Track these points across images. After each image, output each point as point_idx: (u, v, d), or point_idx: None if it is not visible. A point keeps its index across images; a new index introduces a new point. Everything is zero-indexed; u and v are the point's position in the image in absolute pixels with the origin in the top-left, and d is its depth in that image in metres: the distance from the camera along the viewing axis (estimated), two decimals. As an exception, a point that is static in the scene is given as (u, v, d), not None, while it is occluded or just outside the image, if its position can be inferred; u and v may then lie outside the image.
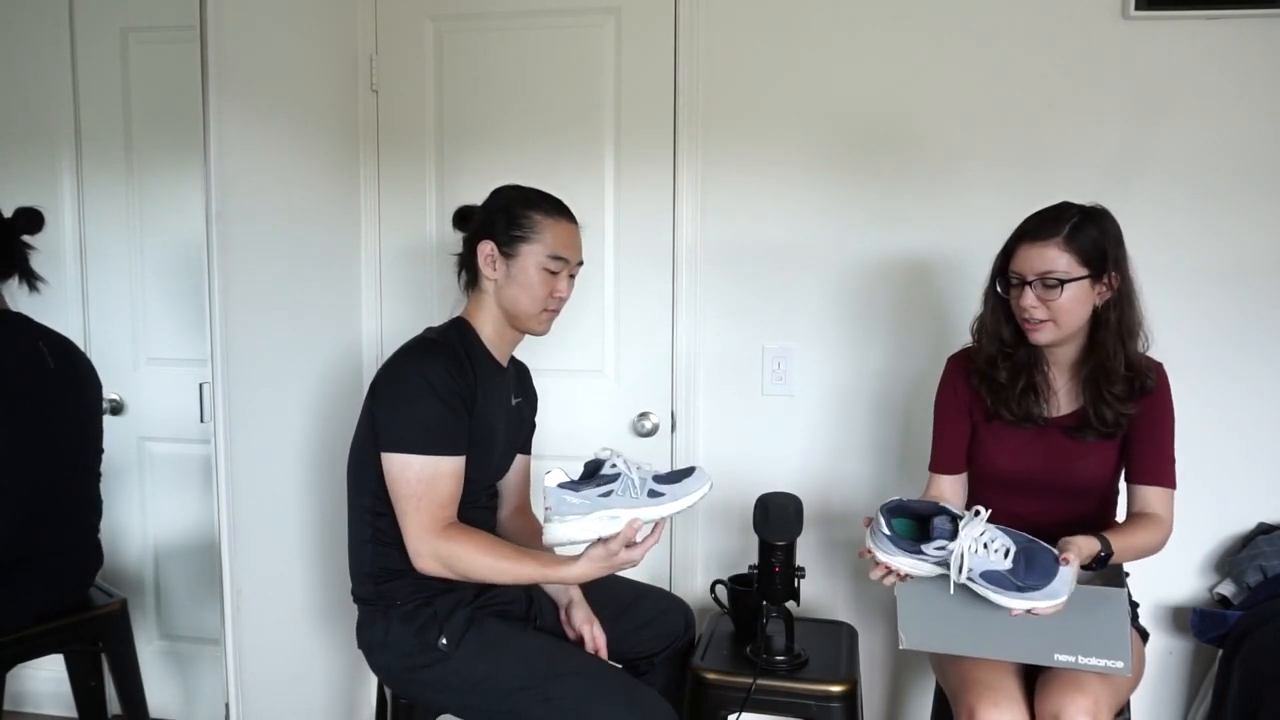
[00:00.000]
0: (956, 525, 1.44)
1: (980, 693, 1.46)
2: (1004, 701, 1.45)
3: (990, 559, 1.40)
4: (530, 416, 1.85)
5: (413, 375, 1.54)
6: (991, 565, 1.40)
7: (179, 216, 1.87)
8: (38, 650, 1.79)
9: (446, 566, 1.51)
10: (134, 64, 1.95)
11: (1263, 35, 1.95)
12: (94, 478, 1.88)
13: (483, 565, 1.51)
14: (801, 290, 2.17)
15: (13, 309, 1.77)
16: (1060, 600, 1.38)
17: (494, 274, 1.63)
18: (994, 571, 1.40)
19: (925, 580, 1.49)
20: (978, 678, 1.49)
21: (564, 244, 1.63)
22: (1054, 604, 1.38)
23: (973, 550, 1.41)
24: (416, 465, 1.51)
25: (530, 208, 1.62)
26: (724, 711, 1.73)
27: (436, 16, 2.25)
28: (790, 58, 2.12)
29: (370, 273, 2.32)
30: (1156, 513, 1.60)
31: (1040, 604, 1.38)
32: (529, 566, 1.51)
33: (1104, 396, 1.57)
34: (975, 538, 1.41)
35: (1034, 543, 1.43)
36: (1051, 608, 1.38)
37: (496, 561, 1.51)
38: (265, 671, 1.89)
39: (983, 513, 1.44)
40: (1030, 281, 1.53)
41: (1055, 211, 1.56)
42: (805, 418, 2.20)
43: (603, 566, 1.46)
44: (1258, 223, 1.98)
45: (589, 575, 1.47)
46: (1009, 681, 1.49)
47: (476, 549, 1.51)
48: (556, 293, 1.64)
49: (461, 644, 1.55)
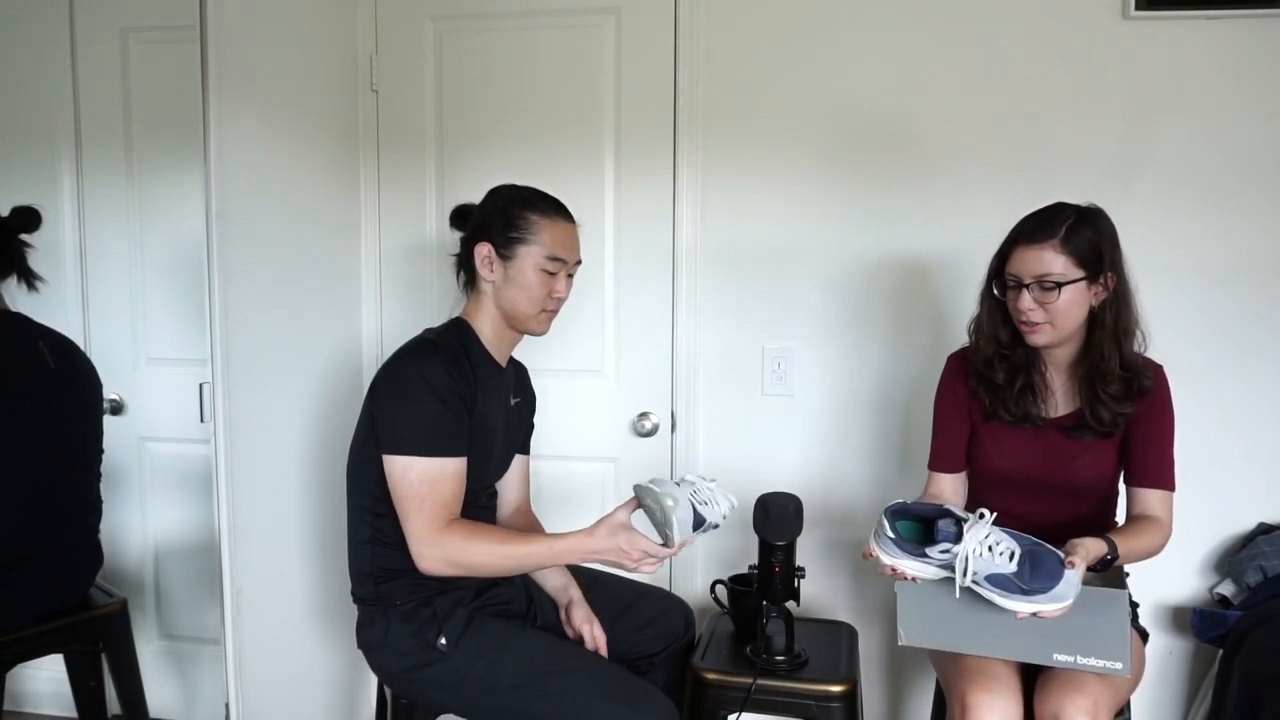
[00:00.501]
0: (961, 528, 1.43)
1: (974, 679, 1.47)
2: (997, 687, 1.45)
3: (995, 562, 1.40)
4: (529, 417, 1.85)
5: (413, 376, 1.53)
6: (996, 568, 1.40)
7: (179, 216, 1.87)
8: (38, 650, 1.79)
9: (453, 564, 1.51)
10: (134, 64, 1.95)
11: (1263, 35, 1.95)
12: (94, 478, 1.88)
13: (491, 554, 1.51)
14: (801, 290, 2.17)
15: (13, 309, 1.78)
16: (1065, 604, 1.38)
17: (491, 276, 1.62)
18: (999, 574, 1.40)
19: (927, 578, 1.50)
20: (972, 665, 1.50)
21: (562, 244, 1.62)
22: (1059, 607, 1.38)
23: (977, 553, 1.40)
24: (419, 467, 1.51)
25: (527, 208, 1.61)
26: (724, 711, 1.73)
27: (436, 16, 2.25)
28: (790, 58, 2.12)
29: (370, 273, 2.32)
30: (1156, 515, 1.60)
31: (1045, 607, 1.38)
32: (539, 545, 1.52)
33: (1100, 396, 1.57)
34: (980, 541, 1.41)
35: (1039, 545, 1.43)
36: (1056, 611, 1.38)
37: (504, 548, 1.51)
38: (265, 671, 1.89)
39: (988, 515, 1.44)
40: (1028, 284, 1.53)
41: (1051, 213, 1.55)
42: (805, 418, 2.20)
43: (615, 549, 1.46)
44: (1257, 223, 1.98)
45: (600, 551, 1.48)
46: (1004, 669, 1.50)
47: (482, 540, 1.52)
48: (555, 293, 1.64)
49: (460, 643, 1.54)
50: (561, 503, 2.24)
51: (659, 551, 1.47)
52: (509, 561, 1.53)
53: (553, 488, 2.25)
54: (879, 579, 2.15)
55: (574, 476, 2.28)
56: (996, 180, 2.05)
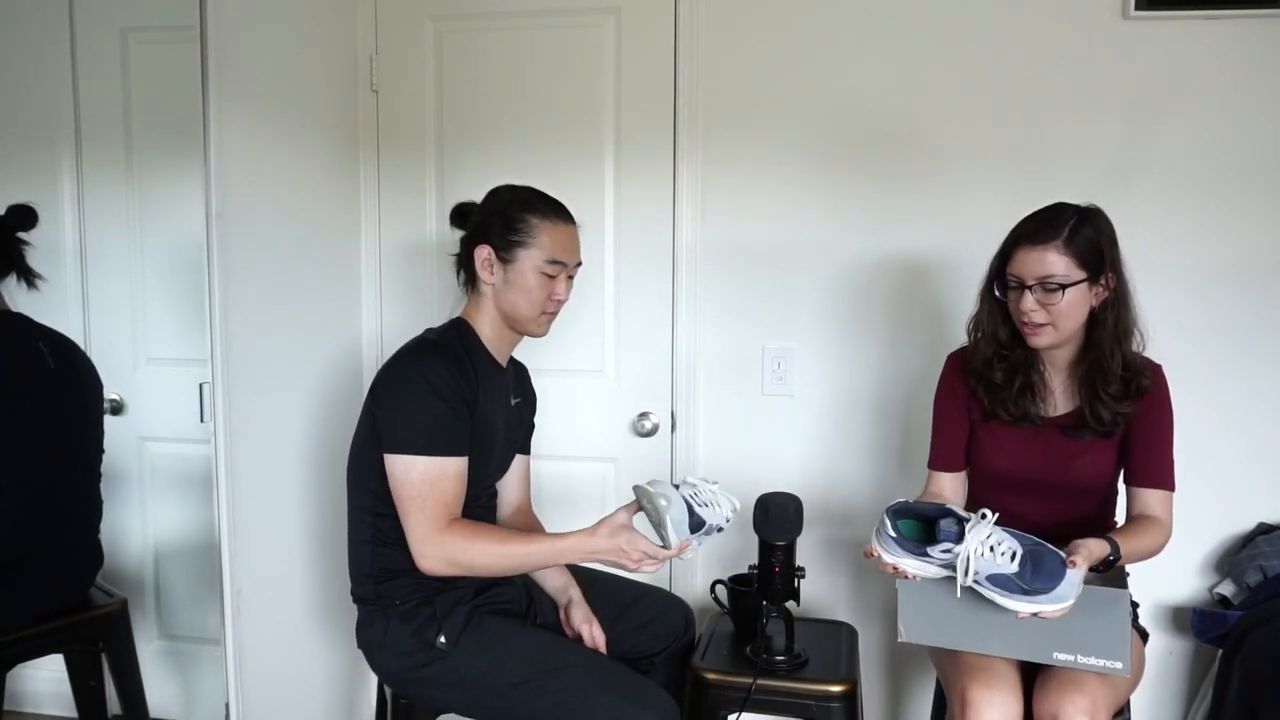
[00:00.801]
0: (963, 527, 1.43)
1: (974, 676, 1.47)
2: (996, 684, 1.45)
3: (996, 562, 1.40)
4: (529, 417, 1.85)
5: (414, 376, 1.53)
6: (998, 568, 1.40)
7: (179, 216, 1.87)
8: (38, 650, 1.79)
9: (454, 564, 1.51)
10: (134, 64, 1.95)
11: (1263, 35, 1.95)
12: (94, 478, 1.88)
13: (492, 554, 1.52)
14: (801, 290, 2.17)
15: (13, 309, 1.77)
16: (1067, 604, 1.38)
17: (491, 278, 1.62)
18: (1000, 575, 1.40)
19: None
20: (973, 662, 1.50)
21: (562, 247, 1.62)
22: (1060, 608, 1.38)
23: (979, 553, 1.40)
24: (420, 466, 1.50)
25: (527, 211, 1.61)
26: (724, 711, 1.73)
27: (436, 16, 2.25)
28: (790, 58, 2.12)
29: (370, 272, 2.32)
30: (1156, 515, 1.60)
31: (1046, 608, 1.38)
32: (540, 545, 1.52)
33: (1100, 396, 1.57)
34: (982, 540, 1.41)
35: (1040, 545, 1.43)
36: (1057, 611, 1.38)
37: (505, 547, 1.52)
38: (265, 671, 1.89)
39: (989, 515, 1.44)
40: (1030, 286, 1.53)
41: (1052, 213, 1.55)
42: (805, 418, 2.19)
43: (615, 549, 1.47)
44: (1257, 223, 1.98)
45: (601, 551, 1.48)
46: (1003, 666, 1.50)
47: (483, 540, 1.52)
48: (555, 296, 1.63)
49: (460, 641, 1.55)
50: (561, 503, 2.24)
51: (659, 553, 1.47)
52: (510, 561, 1.53)
53: (553, 488, 2.25)
54: (879, 579, 2.16)
55: (574, 476, 2.28)
56: (996, 180, 2.05)
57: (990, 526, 1.43)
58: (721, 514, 1.48)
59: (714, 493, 1.50)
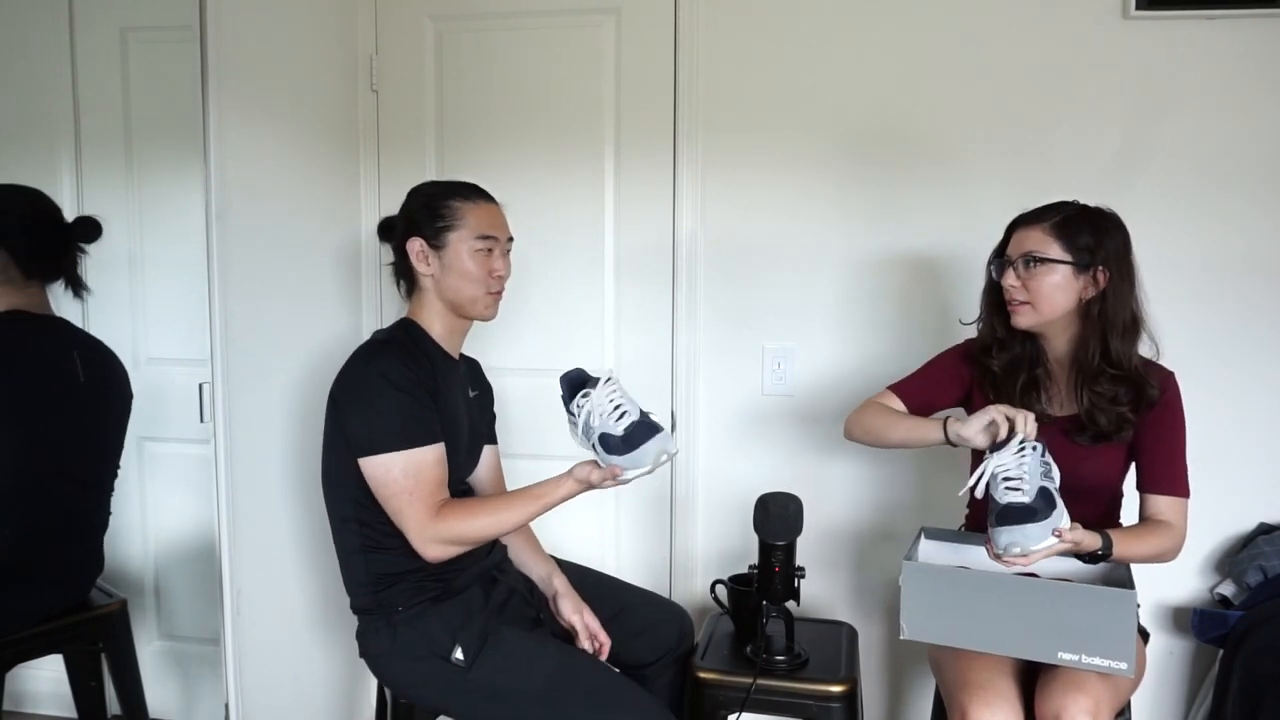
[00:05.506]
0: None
1: (974, 693, 1.46)
2: (997, 701, 1.44)
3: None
4: (489, 406, 1.87)
5: (371, 375, 1.54)
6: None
7: (179, 216, 1.87)
8: (38, 650, 1.79)
9: (453, 543, 1.52)
10: (134, 64, 1.95)
11: (1263, 35, 1.95)
12: (106, 496, 1.88)
13: (489, 525, 1.55)
14: (801, 290, 2.16)
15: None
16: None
17: (429, 269, 1.63)
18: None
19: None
20: (972, 678, 1.49)
21: (488, 224, 1.64)
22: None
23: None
24: (400, 462, 1.51)
25: (449, 197, 1.64)
26: (724, 712, 1.73)
27: (436, 16, 2.25)
28: (790, 57, 2.12)
29: (370, 273, 2.31)
30: (1166, 520, 1.59)
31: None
32: (524, 501, 1.54)
33: (1092, 396, 1.57)
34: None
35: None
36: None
37: (499, 515, 1.54)
38: (265, 672, 1.89)
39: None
40: (1014, 262, 1.56)
41: (1058, 203, 1.59)
42: (805, 418, 2.19)
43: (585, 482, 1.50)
44: (1257, 222, 1.98)
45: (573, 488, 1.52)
46: (1004, 683, 1.49)
47: (477, 515, 1.54)
48: (495, 272, 1.65)
49: (479, 657, 1.54)
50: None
51: (617, 472, 1.47)
52: (507, 525, 1.56)
53: (553, 488, 2.25)
54: (880, 578, 2.17)
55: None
56: (996, 180, 2.05)
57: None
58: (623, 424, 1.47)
59: (612, 397, 1.50)
